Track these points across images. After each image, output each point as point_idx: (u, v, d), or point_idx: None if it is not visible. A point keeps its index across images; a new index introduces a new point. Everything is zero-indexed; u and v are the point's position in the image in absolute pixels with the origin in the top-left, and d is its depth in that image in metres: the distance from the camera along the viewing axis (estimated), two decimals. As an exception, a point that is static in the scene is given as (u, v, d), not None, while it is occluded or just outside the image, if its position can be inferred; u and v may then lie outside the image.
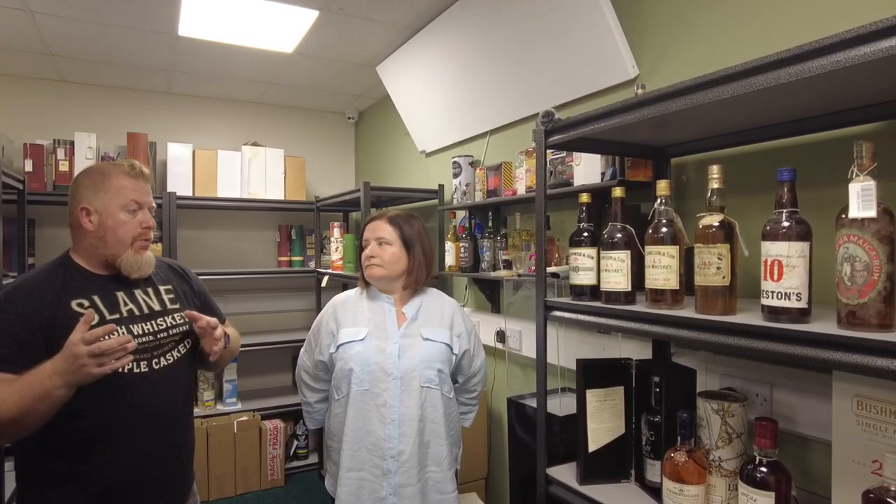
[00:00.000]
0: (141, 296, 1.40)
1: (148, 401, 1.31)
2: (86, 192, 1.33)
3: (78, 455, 1.26)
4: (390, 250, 1.64)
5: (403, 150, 3.55)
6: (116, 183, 1.35)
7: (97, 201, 1.33)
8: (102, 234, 1.33)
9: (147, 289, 1.43)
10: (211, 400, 3.42)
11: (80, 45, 2.93)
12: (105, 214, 1.33)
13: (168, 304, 1.44)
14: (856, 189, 0.91)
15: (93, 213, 1.33)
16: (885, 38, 0.81)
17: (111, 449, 1.28)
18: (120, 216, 1.34)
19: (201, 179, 3.51)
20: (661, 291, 1.23)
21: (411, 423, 1.57)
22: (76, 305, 1.28)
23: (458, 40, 2.52)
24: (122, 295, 1.36)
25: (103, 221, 1.33)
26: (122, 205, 1.34)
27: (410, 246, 1.66)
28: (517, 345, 2.41)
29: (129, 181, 1.36)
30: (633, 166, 1.72)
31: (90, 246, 1.35)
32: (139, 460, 1.31)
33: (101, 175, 1.35)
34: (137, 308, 1.37)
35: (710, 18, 1.60)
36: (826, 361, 0.91)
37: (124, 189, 1.35)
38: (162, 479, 1.36)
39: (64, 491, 1.26)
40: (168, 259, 1.60)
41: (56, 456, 1.25)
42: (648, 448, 1.41)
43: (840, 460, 1.09)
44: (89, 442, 1.26)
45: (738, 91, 1.01)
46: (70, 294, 1.29)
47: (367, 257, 1.66)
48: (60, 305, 1.26)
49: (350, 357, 1.59)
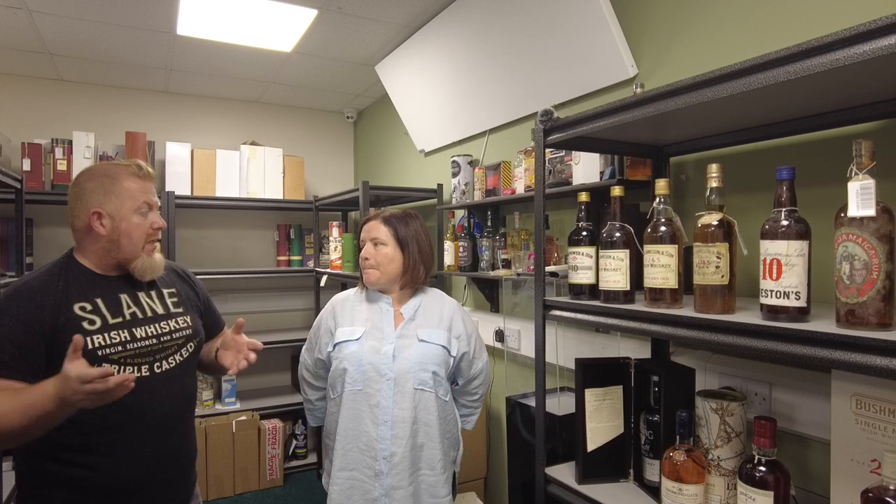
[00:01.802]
0: (145, 299, 1.39)
1: (148, 404, 1.30)
2: (96, 196, 1.31)
3: (77, 457, 1.25)
4: (384, 251, 1.64)
5: (402, 150, 3.55)
6: (126, 185, 1.34)
7: (109, 205, 1.31)
8: (116, 238, 1.32)
9: (151, 292, 1.42)
10: (210, 399, 3.42)
11: (79, 45, 2.92)
12: (118, 218, 1.32)
13: (171, 307, 1.44)
14: (855, 188, 0.91)
15: (105, 216, 1.31)
16: (884, 37, 0.81)
17: (111, 451, 1.27)
18: (133, 219, 1.33)
19: (200, 179, 3.50)
20: (660, 290, 1.22)
21: (404, 424, 1.56)
22: (78, 309, 1.27)
23: (457, 39, 2.51)
24: (125, 297, 1.36)
25: (117, 225, 1.32)
26: (135, 208, 1.33)
27: (405, 245, 1.65)
28: (516, 344, 2.41)
29: (137, 183, 1.35)
30: (632, 165, 1.72)
31: (102, 250, 1.33)
32: (139, 463, 1.30)
33: (109, 178, 1.34)
34: (141, 311, 1.37)
35: (709, 18, 1.60)
36: (825, 360, 0.90)
37: (134, 191, 1.34)
38: (162, 483, 1.35)
39: (63, 493, 1.25)
40: (173, 263, 1.59)
41: (55, 458, 1.25)
42: (647, 447, 1.41)
43: (839, 459, 1.09)
44: (89, 444, 1.25)
45: (736, 90, 1.01)
46: (73, 297, 1.28)
47: (363, 259, 1.66)
48: (62, 309, 1.25)
49: (345, 357, 1.59)
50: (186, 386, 1.44)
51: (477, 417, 1.83)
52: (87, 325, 1.26)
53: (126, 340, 1.29)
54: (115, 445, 1.27)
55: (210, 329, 1.58)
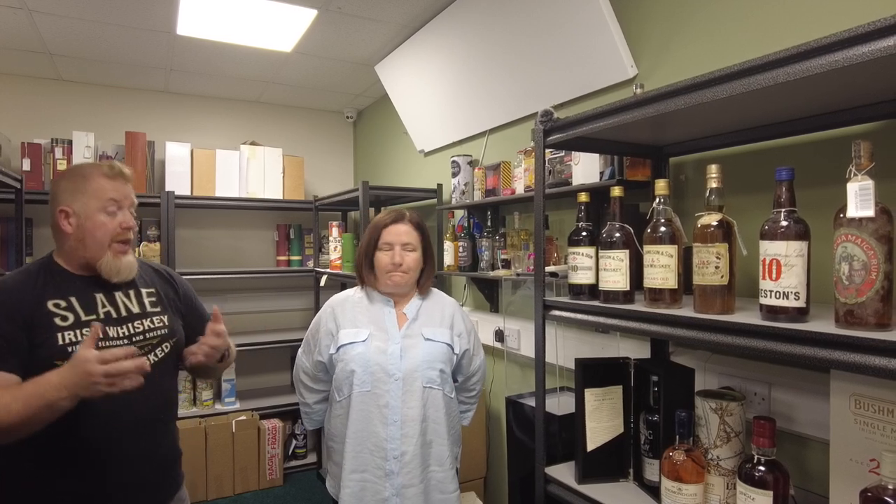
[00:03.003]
0: (121, 298, 1.38)
1: (121, 405, 1.27)
2: (65, 195, 1.32)
3: (53, 459, 1.25)
4: (413, 256, 1.63)
5: (402, 150, 3.55)
6: (95, 185, 1.33)
7: (76, 203, 1.32)
8: (81, 237, 1.32)
9: (128, 291, 1.41)
10: (209, 399, 3.42)
11: (79, 44, 2.92)
12: (84, 216, 1.32)
13: (148, 307, 1.42)
14: (854, 188, 0.91)
15: (71, 215, 1.32)
16: (884, 38, 0.81)
17: (86, 453, 1.26)
18: (99, 218, 1.32)
19: (199, 179, 3.50)
20: (660, 291, 1.23)
21: (413, 423, 1.56)
22: (52, 306, 1.27)
23: (457, 39, 2.51)
24: (100, 297, 1.35)
25: (82, 224, 1.32)
26: (101, 206, 1.33)
27: (427, 249, 1.66)
28: (516, 344, 2.41)
29: (107, 182, 1.34)
30: (632, 166, 1.72)
31: (70, 248, 1.34)
32: (114, 465, 1.29)
33: (81, 177, 1.34)
34: (115, 310, 1.36)
35: (709, 18, 1.60)
36: (824, 360, 0.91)
37: (102, 190, 1.33)
38: (140, 485, 1.34)
39: (41, 495, 1.25)
40: (154, 263, 1.58)
41: (32, 458, 1.24)
42: (647, 447, 1.41)
43: (838, 459, 1.09)
44: (64, 446, 1.25)
45: (736, 90, 1.01)
46: (48, 295, 1.29)
47: (394, 265, 1.61)
48: (37, 305, 1.26)
49: (351, 358, 1.59)
50: (163, 387, 1.41)
51: (473, 413, 1.84)
52: (59, 321, 1.26)
53: (98, 338, 1.28)
54: (90, 447, 1.27)
55: (196, 329, 1.52)
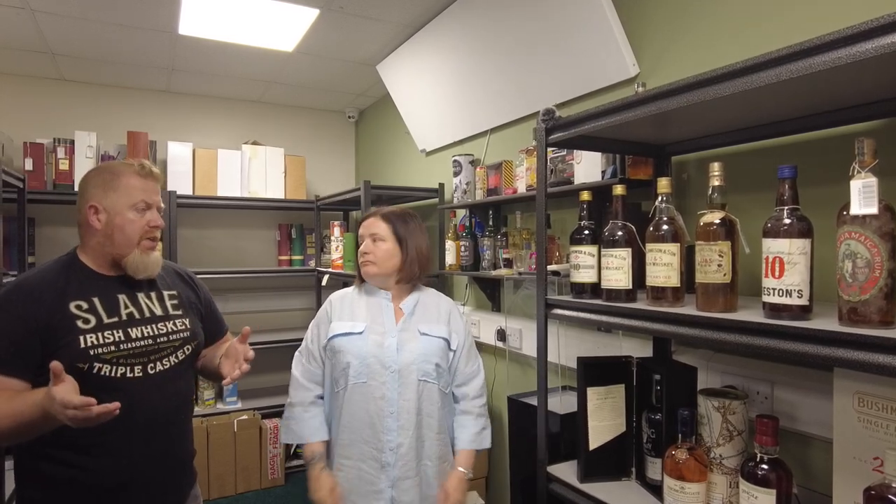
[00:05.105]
0: (143, 299, 1.40)
1: (139, 405, 1.29)
2: (95, 191, 1.34)
3: (69, 457, 1.25)
4: (384, 246, 1.66)
5: (404, 149, 3.55)
6: (126, 182, 1.35)
7: (106, 200, 1.33)
8: (110, 233, 1.33)
9: (150, 293, 1.42)
10: (211, 399, 3.42)
11: (81, 44, 2.93)
12: (113, 213, 1.33)
13: (171, 309, 1.44)
14: (857, 186, 0.91)
15: (101, 211, 1.33)
16: (886, 35, 0.81)
17: (102, 452, 1.27)
18: (128, 215, 1.34)
19: (201, 178, 3.51)
20: (662, 289, 1.22)
21: (409, 416, 1.58)
22: (74, 307, 1.28)
23: (459, 39, 2.51)
24: (123, 297, 1.36)
25: (111, 220, 1.33)
26: (131, 204, 1.34)
27: (403, 242, 1.67)
28: (517, 343, 2.41)
29: (138, 181, 1.36)
30: (634, 164, 1.72)
31: (97, 244, 1.35)
32: (130, 464, 1.30)
33: (112, 174, 1.35)
34: (138, 311, 1.37)
35: (711, 16, 1.60)
36: (827, 358, 0.91)
37: (134, 188, 1.35)
38: (155, 484, 1.35)
39: (55, 493, 1.26)
40: (176, 265, 1.59)
41: (48, 457, 1.25)
42: (649, 446, 1.41)
43: (841, 457, 1.09)
44: (79, 443, 1.25)
45: (738, 88, 1.01)
46: (70, 295, 1.29)
47: (362, 254, 1.68)
48: (59, 307, 1.26)
49: (348, 350, 1.60)
50: (180, 388, 1.43)
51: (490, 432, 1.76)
52: (81, 323, 1.27)
53: (120, 340, 1.29)
54: (107, 446, 1.27)
55: (212, 334, 1.57)
